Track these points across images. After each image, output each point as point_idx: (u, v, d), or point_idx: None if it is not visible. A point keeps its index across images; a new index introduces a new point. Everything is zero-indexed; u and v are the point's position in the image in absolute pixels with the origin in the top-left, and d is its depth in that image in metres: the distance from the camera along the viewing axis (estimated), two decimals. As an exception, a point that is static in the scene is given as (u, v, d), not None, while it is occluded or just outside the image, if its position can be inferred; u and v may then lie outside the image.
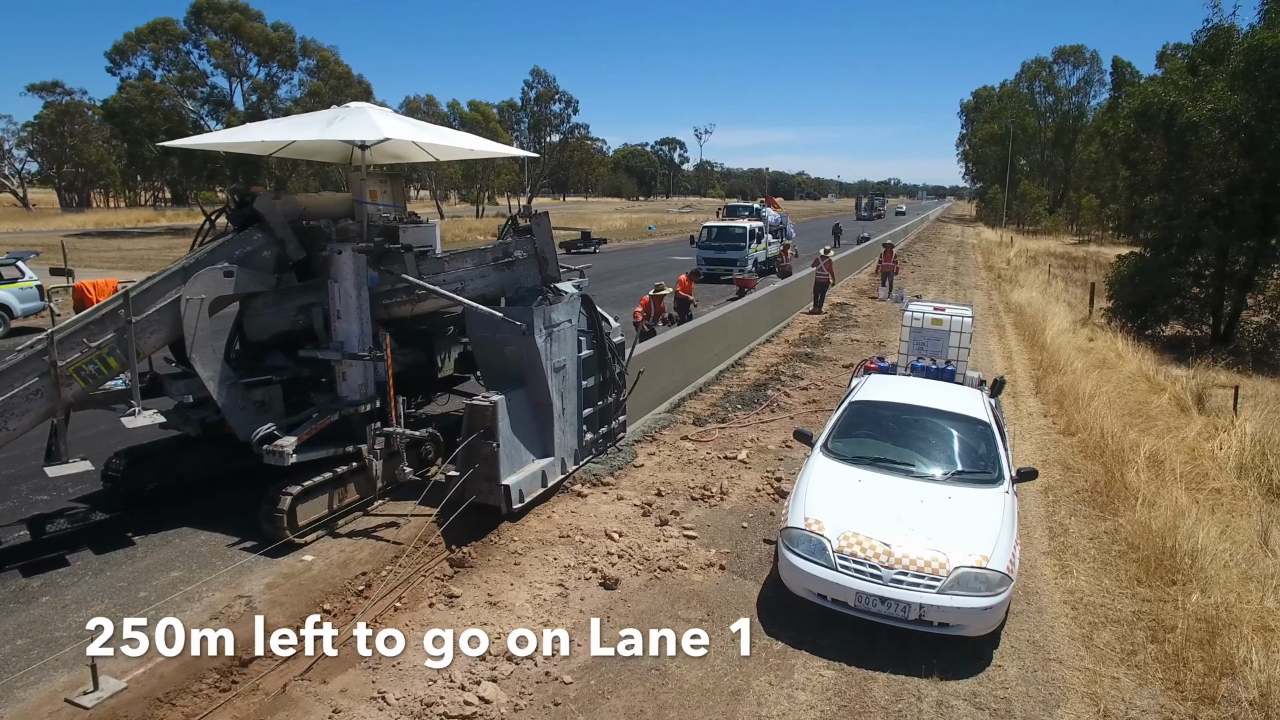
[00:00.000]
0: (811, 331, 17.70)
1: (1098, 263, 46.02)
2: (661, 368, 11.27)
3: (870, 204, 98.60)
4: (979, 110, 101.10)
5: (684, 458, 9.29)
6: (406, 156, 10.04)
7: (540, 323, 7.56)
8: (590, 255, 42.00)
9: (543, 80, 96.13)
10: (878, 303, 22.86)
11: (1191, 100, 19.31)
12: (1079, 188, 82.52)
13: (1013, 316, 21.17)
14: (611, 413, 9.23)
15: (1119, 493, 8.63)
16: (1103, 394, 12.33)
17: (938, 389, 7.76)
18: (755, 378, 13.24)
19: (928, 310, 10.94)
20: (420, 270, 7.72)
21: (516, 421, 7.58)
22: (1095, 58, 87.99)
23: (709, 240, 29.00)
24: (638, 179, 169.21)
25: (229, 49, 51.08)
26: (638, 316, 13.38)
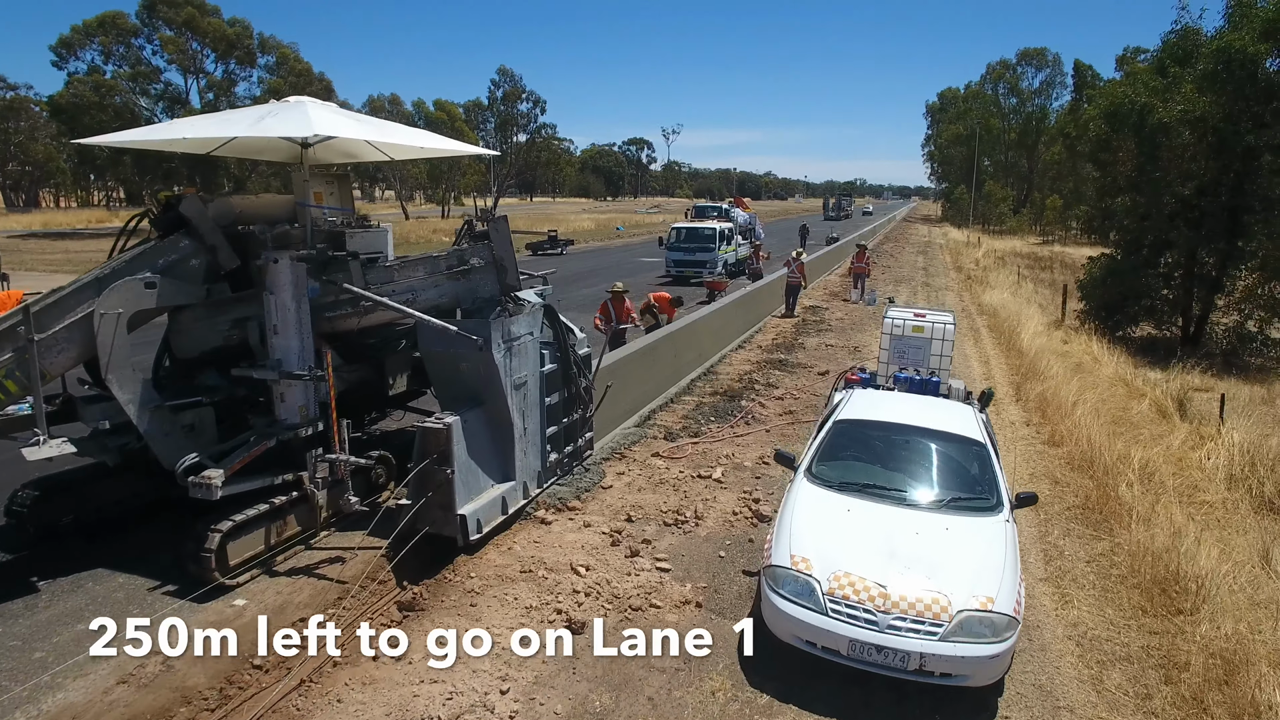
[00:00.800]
0: (785, 336, 17.24)
1: (1064, 263, 46.31)
2: (630, 379, 10.70)
3: (838, 204, 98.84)
4: (944, 111, 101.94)
5: (655, 477, 8.72)
6: (359, 156, 9.36)
7: (499, 336, 6.94)
8: (557, 257, 41.33)
9: (509, 79, 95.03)
10: (850, 305, 22.50)
11: (1162, 101, 19.18)
12: (1042, 188, 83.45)
13: (986, 319, 20.92)
14: (578, 430, 8.63)
15: (1113, 509, 8.23)
16: (1085, 401, 11.99)
17: (927, 405, 7.27)
18: (729, 387, 12.72)
19: (908, 317, 10.50)
20: (367, 280, 7.06)
21: (474, 444, 6.95)
22: (1057, 60, 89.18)
23: (678, 242, 28.49)
24: (605, 179, 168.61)
25: (183, 44, 49.54)
26: (598, 325, 12.73)
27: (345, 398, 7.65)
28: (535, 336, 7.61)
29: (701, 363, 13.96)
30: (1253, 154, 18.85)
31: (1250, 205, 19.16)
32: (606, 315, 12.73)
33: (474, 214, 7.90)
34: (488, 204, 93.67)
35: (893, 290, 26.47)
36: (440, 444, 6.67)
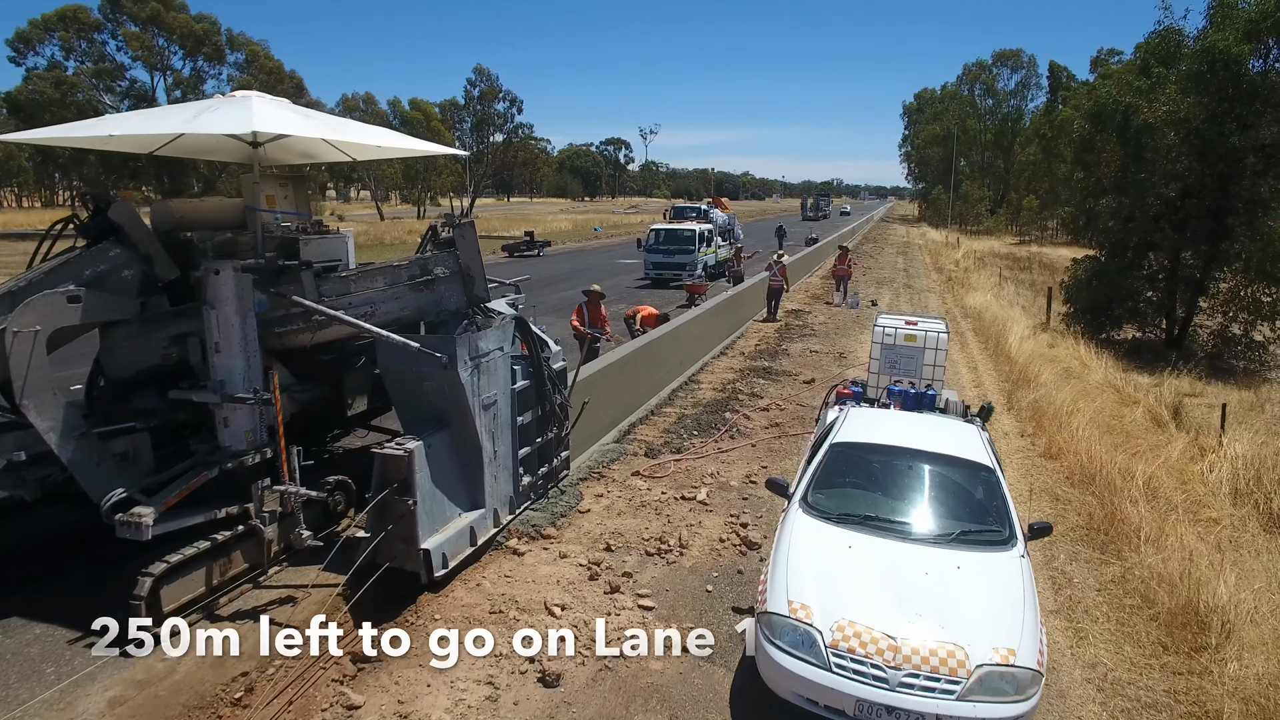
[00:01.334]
0: (768, 342, 16.76)
1: (1042, 264, 46.36)
2: (609, 391, 10.15)
3: (816, 204, 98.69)
4: (921, 112, 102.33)
5: (636, 499, 8.17)
6: (317, 156, 8.73)
7: (465, 353, 6.36)
8: (534, 259, 40.71)
9: (486, 79, 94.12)
10: (833, 309, 22.09)
11: (1147, 102, 18.93)
12: (1018, 189, 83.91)
13: (971, 322, 20.57)
14: (552, 450, 8.07)
15: (1119, 530, 7.81)
16: (1080, 411, 11.60)
17: (928, 425, 6.78)
18: (711, 397, 12.20)
19: (899, 325, 10.04)
20: (321, 292, 6.45)
21: (438, 470, 6.37)
22: (1032, 62, 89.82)
23: (656, 244, 27.92)
24: (583, 179, 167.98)
25: (149, 40, 48.25)
26: (575, 326, 12.18)
27: (299, 419, 7.04)
28: (506, 352, 7.04)
29: (683, 371, 13.44)
30: (1236, 155, 18.63)
31: (1234, 207, 18.95)
32: (582, 318, 12.18)
33: (443, 218, 7.31)
34: (464, 204, 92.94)
35: (875, 293, 26.12)
36: (401, 472, 6.09)
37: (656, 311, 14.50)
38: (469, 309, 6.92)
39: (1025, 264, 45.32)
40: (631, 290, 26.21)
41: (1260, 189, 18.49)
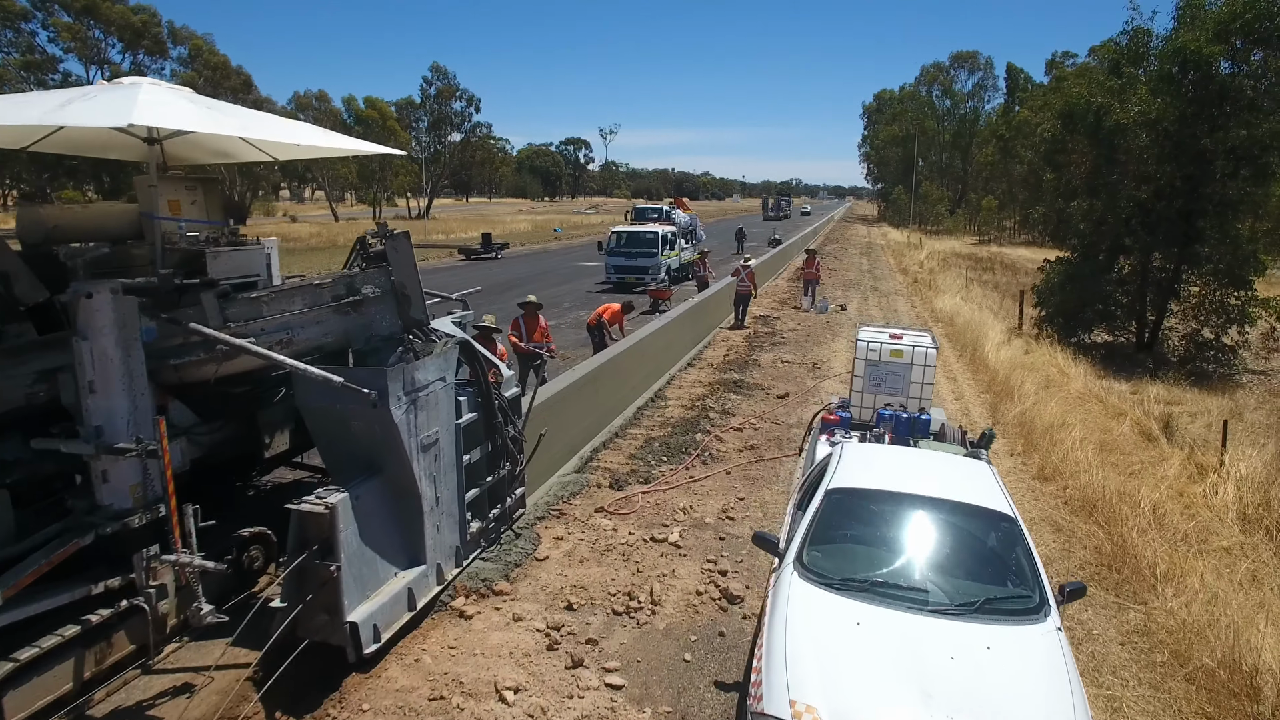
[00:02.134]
0: (737, 351, 15.95)
1: (1004, 264, 46.38)
2: (569, 414, 9.22)
3: (777, 204, 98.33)
4: (881, 112, 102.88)
5: (600, 542, 7.25)
6: (233, 155, 7.69)
7: (399, 388, 5.39)
8: (492, 261, 39.59)
9: (443, 77, 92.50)
10: (802, 314, 21.37)
11: (1119, 103, 18.52)
12: (976, 189, 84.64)
13: (944, 327, 20.00)
14: (506, 488, 7.12)
15: (1131, 566, 7.09)
16: (1069, 426, 10.96)
17: (933, 463, 5.95)
18: (680, 415, 11.33)
19: (883, 339, 9.27)
20: (227, 316, 5.42)
21: (369, 525, 5.40)
22: (989, 64, 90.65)
23: (618, 247, 26.97)
24: (543, 179, 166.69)
25: (82, 31, 46.00)
26: (515, 343, 11.24)
27: (205, 464, 6.01)
28: (449, 382, 6.08)
29: (649, 386, 12.56)
30: (1205, 157, 18.30)
31: (1204, 209, 18.62)
32: (520, 333, 11.24)
33: (375, 228, 6.32)
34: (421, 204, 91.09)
35: (842, 296, 25.51)
36: (322, 531, 5.11)
37: (617, 306, 13.66)
38: (404, 334, 5.95)
39: (988, 264, 45.27)
40: (593, 295, 25.26)
41: (1229, 191, 18.16)
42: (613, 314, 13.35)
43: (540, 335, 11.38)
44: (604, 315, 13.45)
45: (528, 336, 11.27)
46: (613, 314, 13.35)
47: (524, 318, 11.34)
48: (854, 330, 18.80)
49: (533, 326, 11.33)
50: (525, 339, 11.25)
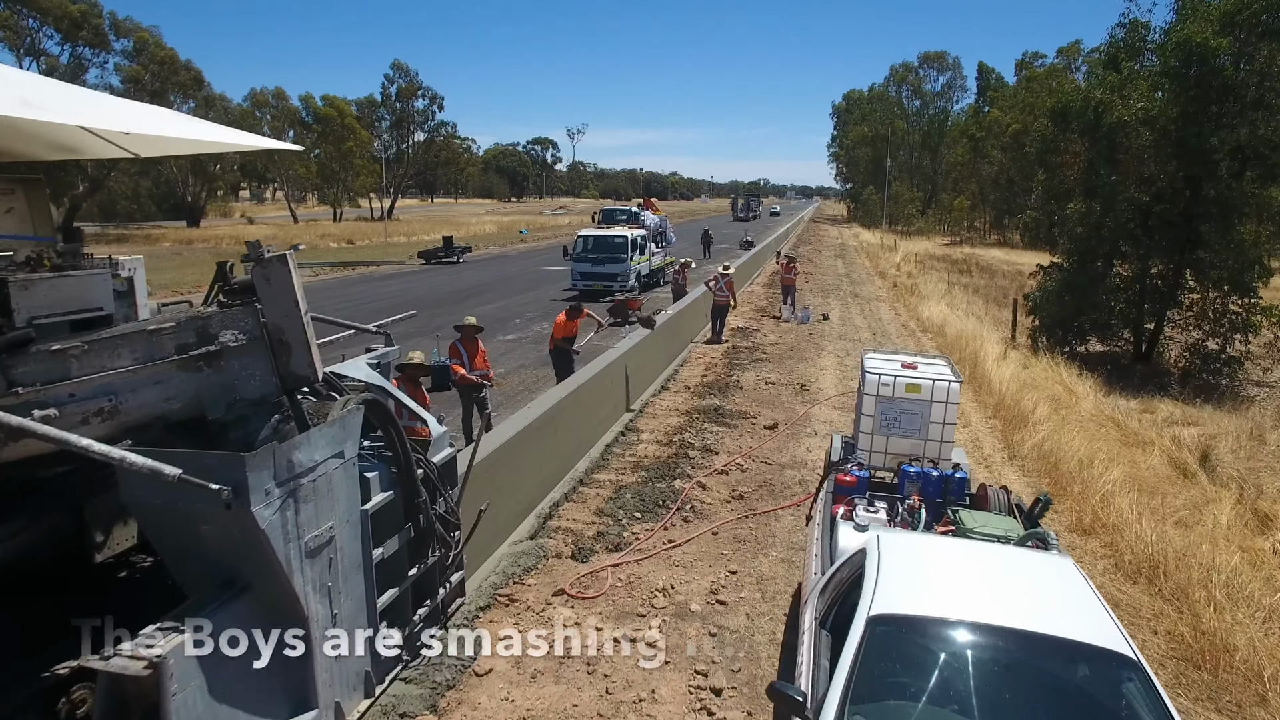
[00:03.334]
0: (716, 371, 14.46)
1: (980, 266, 45.58)
2: (523, 464, 7.67)
3: (747, 205, 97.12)
4: (850, 112, 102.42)
5: (559, 644, 5.69)
6: (79, 150, 6.00)
7: (267, 477, 3.78)
8: (453, 266, 37.84)
9: (404, 75, 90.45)
10: (782, 324, 19.96)
11: (1121, 99, 17.36)
12: (946, 189, 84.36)
13: (934, 339, 18.72)
14: (437, 579, 5.54)
15: (1225, 663, 5.72)
16: (1097, 459, 9.65)
17: (1005, 565, 4.44)
18: (655, 454, 9.81)
19: (897, 370, 7.84)
20: (14, 377, 3.78)
21: (224, 672, 3.78)
22: (957, 64, 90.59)
23: (585, 252, 25.34)
24: (509, 180, 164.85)
25: (13, 20, 43.35)
26: (458, 373, 9.69)
27: (5, 575, 4.37)
28: (350, 457, 4.49)
29: (618, 417, 11.04)
30: (1209, 156, 17.20)
31: (1208, 212, 17.52)
32: (461, 359, 9.68)
33: (228, 263, 4.69)
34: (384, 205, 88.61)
35: (822, 303, 24.18)
36: (144, 698, 3.51)
37: (564, 316, 12.12)
38: (284, 394, 4.36)
39: (964, 267, 44.39)
40: (559, 304, 23.66)
41: (1234, 193, 17.07)
42: (562, 327, 11.85)
43: (482, 360, 9.84)
44: (558, 334, 11.94)
45: (469, 364, 9.70)
46: (562, 327, 11.85)
47: (463, 342, 9.78)
48: (840, 344, 17.41)
49: (474, 351, 9.78)
50: (467, 364, 9.68)
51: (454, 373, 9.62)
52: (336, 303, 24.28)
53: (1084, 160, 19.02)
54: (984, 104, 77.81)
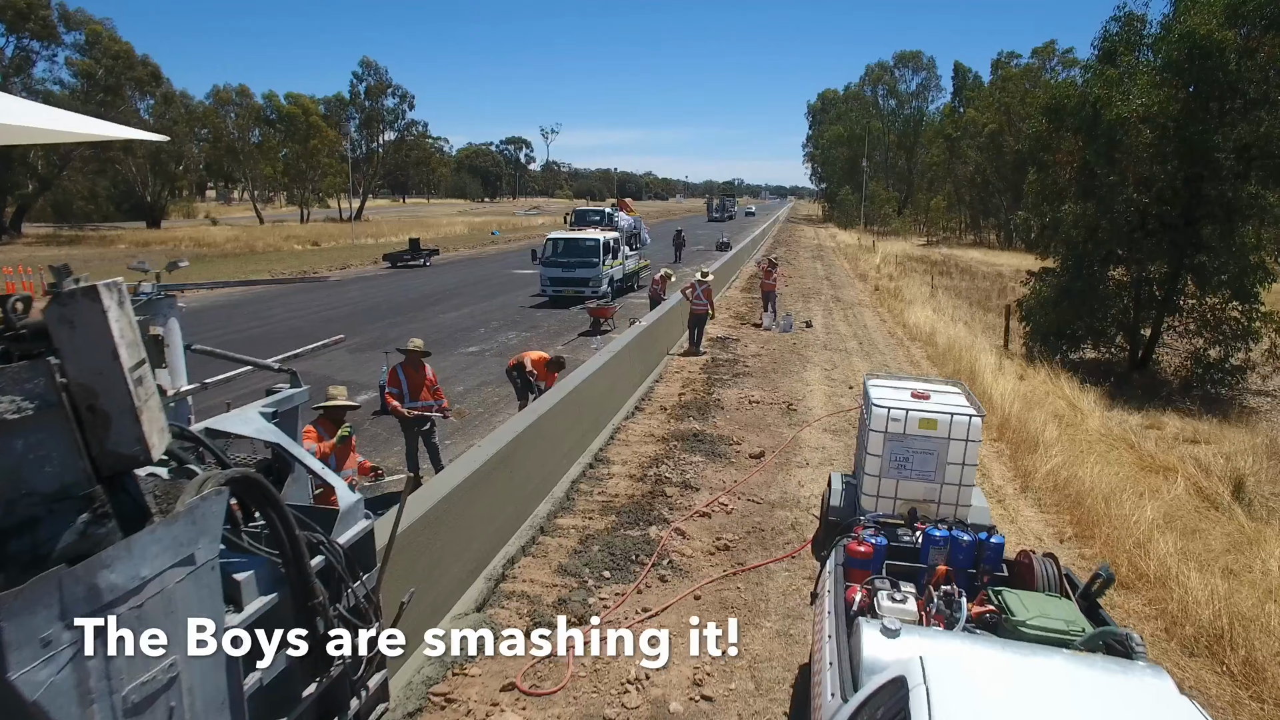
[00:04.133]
0: (694, 387, 13.31)
1: (960, 268, 44.94)
2: (471, 517, 6.46)
3: (722, 205, 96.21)
4: (825, 112, 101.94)
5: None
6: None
7: (46, 620, 2.58)
8: (420, 269, 36.44)
9: (374, 73, 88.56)
10: (763, 333, 18.85)
11: (1121, 95, 16.45)
12: (922, 189, 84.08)
13: (921, 347, 17.72)
14: (348, 688, 4.33)
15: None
16: (1119, 490, 8.62)
17: (1090, 701, 3.35)
18: (627, 491, 8.63)
19: (908, 403, 6.76)
20: None
21: None
22: (932, 63, 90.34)
23: (554, 256, 24.07)
24: (483, 180, 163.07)
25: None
26: (393, 406, 8.47)
27: None
28: (208, 561, 3.28)
29: (586, 447, 9.85)
30: (1210, 155, 16.34)
31: (1211, 213, 16.66)
32: (400, 390, 8.46)
33: (12, 295, 3.46)
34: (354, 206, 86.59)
35: (803, 308, 23.14)
36: None
37: (547, 356, 10.83)
38: (97, 484, 3.14)
39: (943, 268, 43.70)
40: (527, 311, 22.46)
41: (1239, 194, 16.21)
42: (538, 364, 10.59)
43: (428, 391, 8.61)
44: (527, 359, 10.69)
45: (411, 394, 8.47)
46: (538, 364, 10.59)
47: (404, 367, 8.54)
48: (826, 355, 16.31)
49: (418, 380, 8.55)
50: (408, 398, 8.45)
51: (387, 403, 8.40)
52: (285, 311, 22.87)
53: (1078, 159, 18.13)
54: (960, 104, 77.53)
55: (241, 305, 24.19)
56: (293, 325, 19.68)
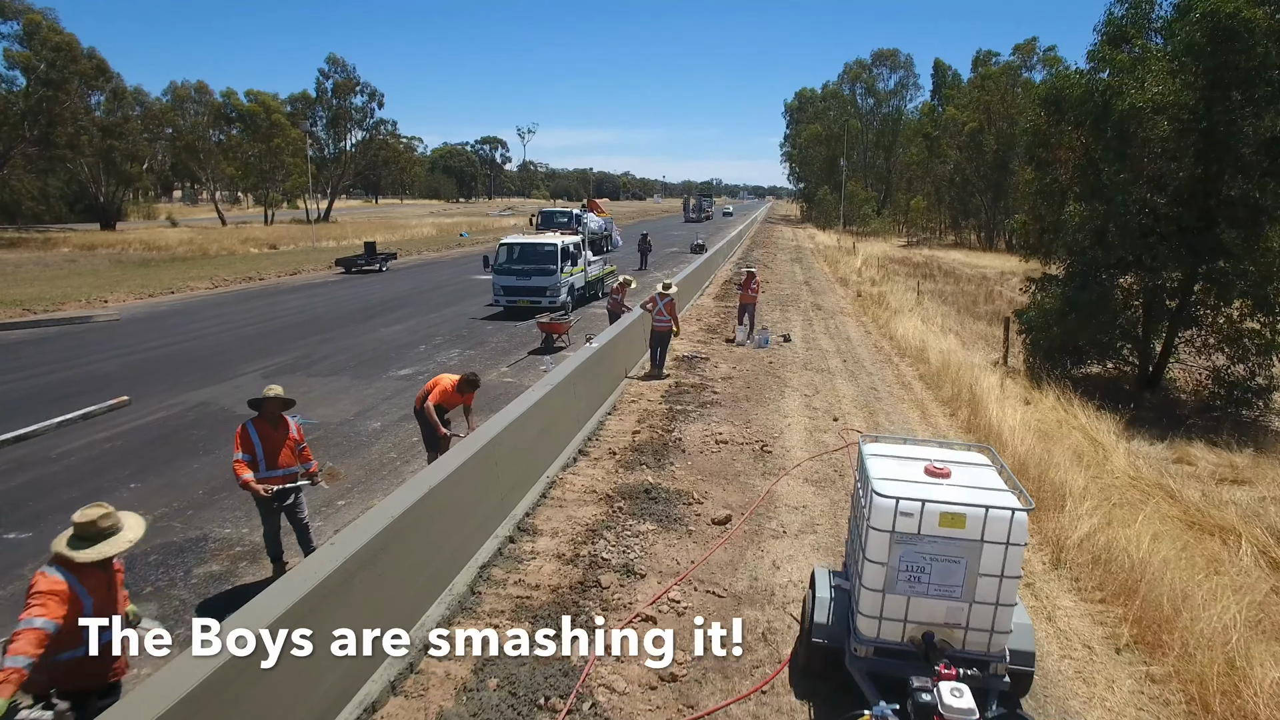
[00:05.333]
0: (652, 421, 11.31)
1: (941, 269, 43.35)
2: (316, 645, 4.43)
3: (699, 205, 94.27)
4: (803, 111, 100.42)
5: None
6: None
7: None
8: (375, 275, 34.21)
9: (340, 69, 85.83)
10: (736, 349, 16.89)
11: (1136, 82, 14.63)
12: (901, 188, 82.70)
13: (912, 364, 15.83)
14: None
15: None
16: (1173, 560, 6.76)
17: None
18: (551, 580, 6.62)
19: (921, 485, 4.89)
20: None
21: None
22: (910, 61, 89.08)
23: (508, 263, 21.86)
24: (457, 180, 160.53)
25: None
26: (244, 479, 6.39)
27: None
28: None
29: (507, 511, 7.81)
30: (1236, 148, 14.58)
31: (1234, 215, 14.91)
32: (251, 454, 6.41)
33: None
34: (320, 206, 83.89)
35: (782, 320, 21.24)
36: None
37: (454, 379, 8.73)
38: None
39: (926, 270, 42.04)
40: (477, 324, 20.38)
41: (1266, 194, 14.45)
42: (445, 392, 8.56)
43: (291, 452, 6.56)
44: (433, 389, 8.65)
45: (268, 461, 6.43)
46: (445, 392, 8.56)
47: (258, 425, 6.48)
48: (806, 376, 14.32)
49: (276, 440, 6.50)
50: (263, 466, 6.41)
51: (236, 476, 6.34)
52: (209, 323, 20.60)
53: (1080, 155, 16.34)
54: (939, 102, 76.21)
55: (168, 317, 21.95)
56: (207, 345, 17.51)
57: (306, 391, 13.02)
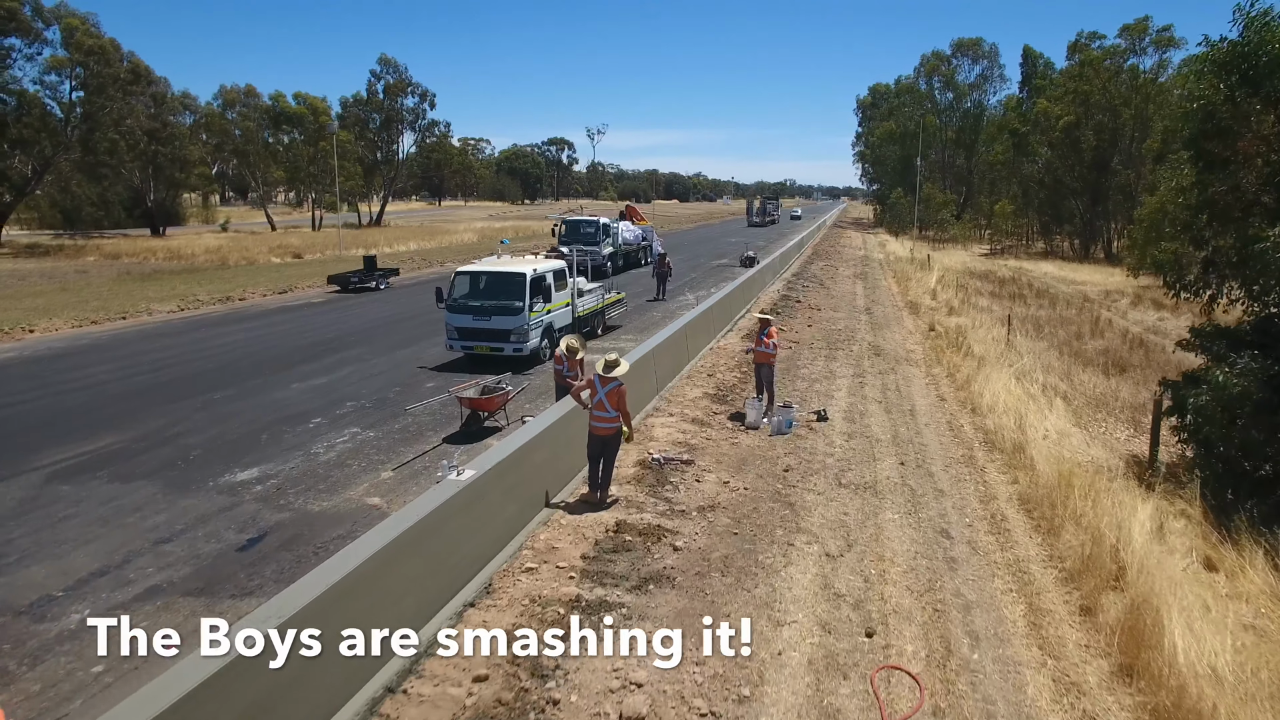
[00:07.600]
0: (538, 627, 6.33)
1: (1032, 287, 36.98)
2: None
3: (763, 208, 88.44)
4: (876, 107, 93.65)
5: None
6: None
7: None
8: (370, 294, 30.12)
9: (393, 70, 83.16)
10: (743, 436, 11.72)
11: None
12: (983, 190, 75.50)
13: (1005, 469, 10.41)
14: None
15: None
16: None
17: None
18: None
19: None
20: None
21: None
22: (994, 51, 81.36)
23: (465, 298, 16.94)
24: (522, 182, 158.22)
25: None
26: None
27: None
28: None
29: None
30: None
31: None
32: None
33: None
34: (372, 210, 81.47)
35: (820, 373, 15.93)
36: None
37: None
38: None
39: (1013, 289, 35.84)
40: (421, 374, 15.75)
41: None
42: None
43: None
44: None
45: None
46: None
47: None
48: (837, 509, 7.88)
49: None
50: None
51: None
52: (106, 366, 16.19)
53: (1276, 148, 10.71)
54: (1028, 94, 68.85)
55: (70, 356, 18.05)
56: (42, 409, 13.32)
57: (65, 517, 8.58)
